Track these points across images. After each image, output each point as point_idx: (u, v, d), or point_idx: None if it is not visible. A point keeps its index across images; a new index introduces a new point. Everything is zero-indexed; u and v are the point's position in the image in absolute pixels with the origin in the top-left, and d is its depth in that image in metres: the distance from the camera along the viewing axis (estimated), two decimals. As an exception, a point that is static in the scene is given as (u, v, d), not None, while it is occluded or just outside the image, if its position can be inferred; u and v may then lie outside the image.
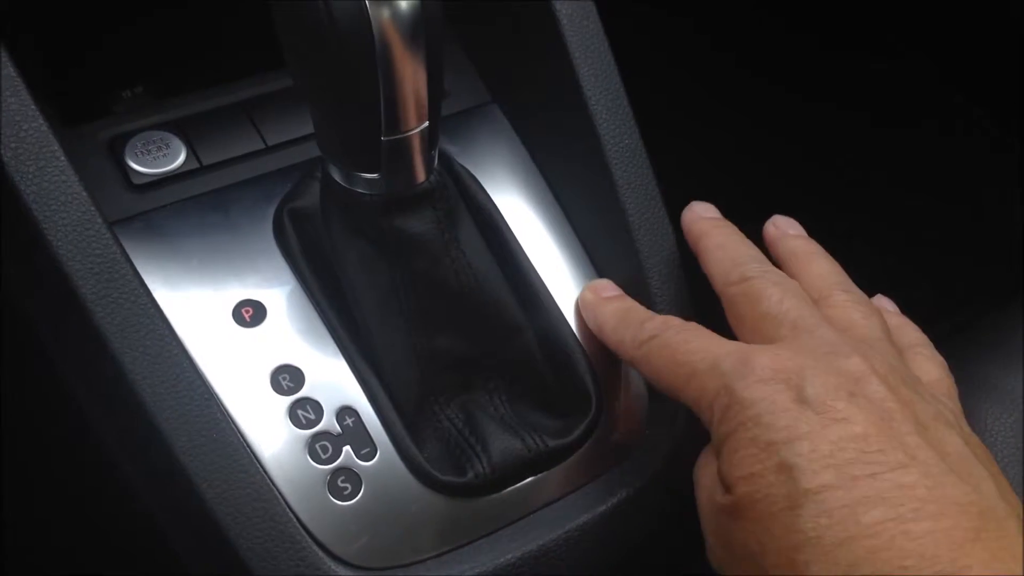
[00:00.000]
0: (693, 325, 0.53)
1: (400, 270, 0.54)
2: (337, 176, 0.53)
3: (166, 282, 0.56)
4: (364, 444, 0.54)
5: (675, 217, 0.61)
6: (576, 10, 0.62)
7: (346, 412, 0.54)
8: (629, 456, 0.58)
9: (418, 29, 0.47)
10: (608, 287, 0.60)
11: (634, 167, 0.60)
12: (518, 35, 0.65)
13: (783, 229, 0.61)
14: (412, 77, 0.48)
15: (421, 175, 0.52)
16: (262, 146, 0.62)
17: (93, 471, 0.60)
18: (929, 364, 0.55)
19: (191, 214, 0.59)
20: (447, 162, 0.61)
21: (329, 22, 0.45)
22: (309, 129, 0.62)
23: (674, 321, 0.54)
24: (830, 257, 0.59)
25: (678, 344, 0.52)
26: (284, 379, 0.54)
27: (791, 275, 0.56)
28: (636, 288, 0.59)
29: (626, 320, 0.56)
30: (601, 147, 0.60)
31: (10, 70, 0.54)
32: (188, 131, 0.61)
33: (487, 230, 0.60)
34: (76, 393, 0.57)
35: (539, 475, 0.56)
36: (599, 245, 0.62)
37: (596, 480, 0.57)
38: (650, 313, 0.56)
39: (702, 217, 0.60)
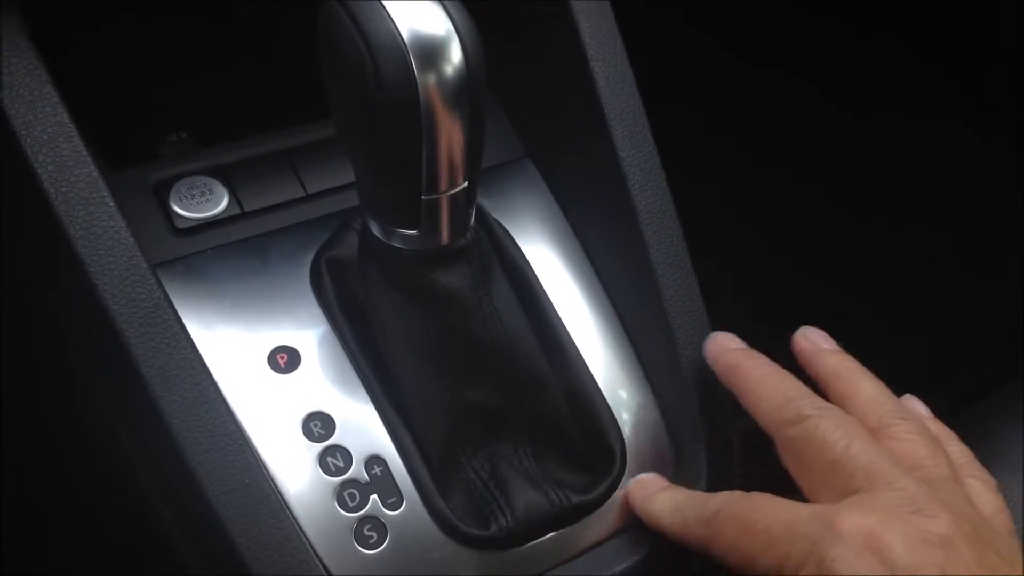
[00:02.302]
0: (758, 493, 0.52)
1: (434, 322, 0.55)
2: (376, 230, 0.54)
3: (205, 325, 0.57)
4: (391, 493, 0.55)
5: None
6: (613, 73, 0.64)
7: (375, 461, 0.55)
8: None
9: (462, 94, 0.48)
10: (656, 481, 0.58)
11: (667, 236, 0.62)
12: (554, 93, 0.67)
13: (817, 344, 0.59)
14: (455, 140, 0.49)
15: (459, 232, 0.53)
16: (302, 194, 0.64)
17: (128, 506, 0.61)
18: (986, 494, 0.54)
19: (231, 259, 0.60)
20: (481, 216, 0.63)
21: (377, 88, 0.47)
22: (349, 179, 0.65)
23: (737, 493, 0.52)
24: (874, 376, 0.57)
25: (748, 512, 0.50)
26: (316, 426, 0.55)
27: (836, 398, 0.55)
28: (666, 355, 0.60)
29: (686, 503, 0.55)
30: (635, 214, 0.61)
31: (63, 116, 0.55)
32: (231, 177, 0.63)
33: (519, 285, 0.61)
34: (113, 426, 0.58)
35: (562, 530, 0.57)
36: (628, 305, 0.63)
37: (618, 536, 0.58)
38: (708, 494, 0.55)
39: (729, 348, 0.58)
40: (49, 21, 0.57)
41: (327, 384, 0.57)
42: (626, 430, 0.59)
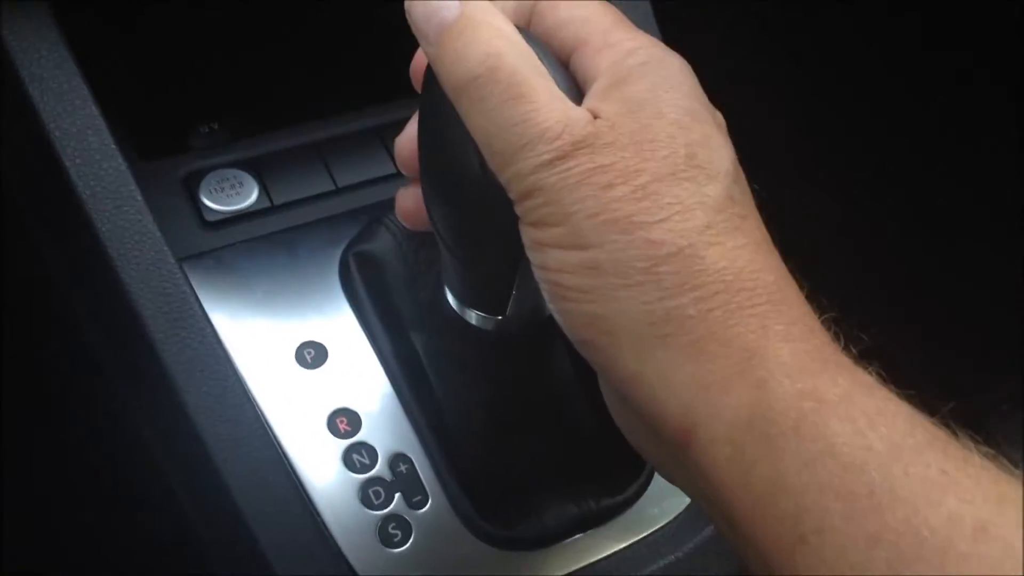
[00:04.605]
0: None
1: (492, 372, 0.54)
2: (454, 304, 0.52)
3: (232, 319, 0.57)
4: (416, 492, 0.54)
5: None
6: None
7: (400, 459, 0.55)
8: (681, 515, 0.58)
9: None
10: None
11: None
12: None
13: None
14: None
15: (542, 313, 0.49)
16: (332, 188, 0.63)
17: (150, 503, 0.62)
18: None
19: (260, 252, 0.60)
20: None
21: (485, 188, 0.42)
22: (379, 172, 0.64)
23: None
24: None
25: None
26: (341, 422, 0.55)
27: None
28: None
29: None
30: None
31: (92, 109, 0.55)
32: (261, 170, 0.63)
33: None
34: (137, 421, 0.58)
35: (589, 532, 0.56)
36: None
37: (647, 539, 0.57)
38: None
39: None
40: (81, 12, 0.57)
41: (354, 380, 0.56)
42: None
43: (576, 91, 0.41)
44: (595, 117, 0.39)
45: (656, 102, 0.39)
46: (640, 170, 0.38)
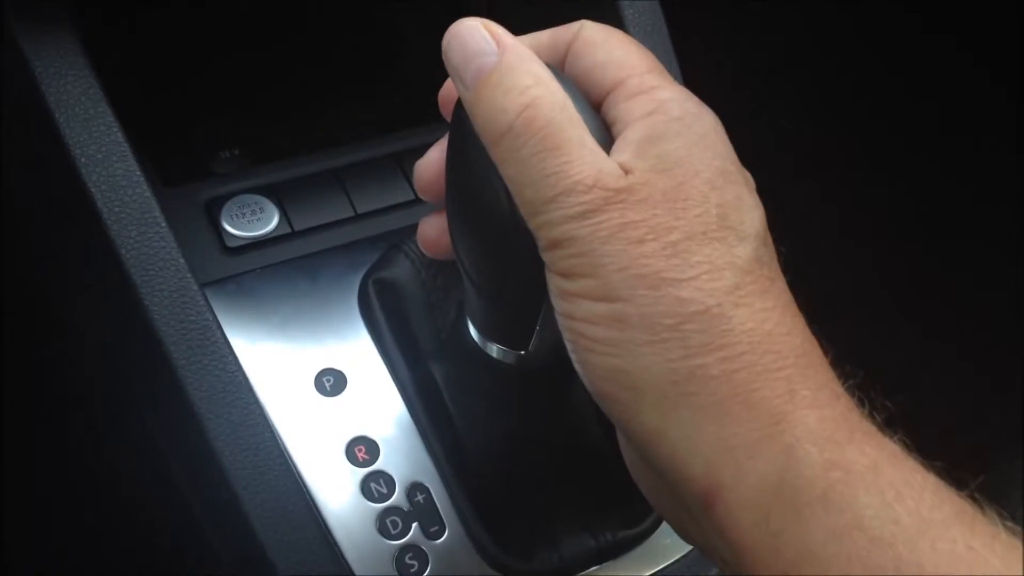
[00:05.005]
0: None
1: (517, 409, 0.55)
2: (476, 337, 0.52)
3: (252, 345, 0.57)
4: (433, 522, 0.54)
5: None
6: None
7: (417, 488, 0.55)
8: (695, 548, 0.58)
9: None
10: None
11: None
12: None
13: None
14: None
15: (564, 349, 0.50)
16: (352, 213, 0.64)
17: (173, 531, 0.62)
18: None
19: (280, 278, 0.60)
20: None
21: (513, 226, 0.42)
22: (398, 199, 0.65)
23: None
24: None
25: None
26: (359, 451, 0.55)
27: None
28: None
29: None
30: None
31: (118, 135, 0.56)
32: (282, 196, 0.63)
33: None
34: (160, 443, 0.59)
35: (607, 563, 0.56)
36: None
37: (663, 570, 0.57)
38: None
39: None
40: (106, 39, 0.58)
41: (372, 408, 0.57)
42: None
43: (607, 136, 0.42)
44: (628, 171, 0.39)
45: (690, 161, 0.40)
46: (672, 227, 0.38)
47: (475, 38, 0.42)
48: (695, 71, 0.61)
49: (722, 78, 1.19)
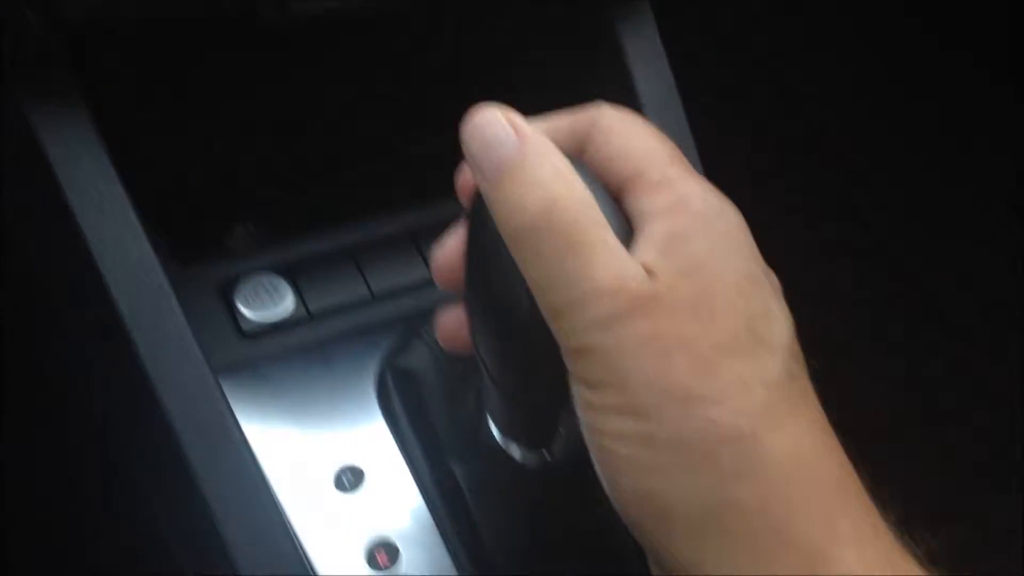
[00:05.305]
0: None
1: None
2: (497, 435, 0.50)
3: (268, 436, 0.55)
4: (456, 632, 0.52)
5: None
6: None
7: (438, 596, 0.53)
8: None
9: None
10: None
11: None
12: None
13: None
14: None
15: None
16: (368, 295, 0.62)
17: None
18: None
19: (296, 366, 0.58)
20: None
21: (535, 325, 0.41)
22: (414, 279, 0.63)
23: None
24: None
25: None
26: (380, 555, 0.53)
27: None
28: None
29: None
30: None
31: (131, 216, 0.54)
32: (296, 275, 0.61)
33: None
34: (169, 543, 0.56)
35: None
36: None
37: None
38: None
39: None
40: (118, 118, 0.56)
41: (392, 507, 0.54)
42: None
43: (628, 229, 0.40)
44: (651, 272, 0.38)
45: (715, 263, 0.38)
46: (698, 338, 0.37)
47: (494, 127, 0.40)
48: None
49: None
